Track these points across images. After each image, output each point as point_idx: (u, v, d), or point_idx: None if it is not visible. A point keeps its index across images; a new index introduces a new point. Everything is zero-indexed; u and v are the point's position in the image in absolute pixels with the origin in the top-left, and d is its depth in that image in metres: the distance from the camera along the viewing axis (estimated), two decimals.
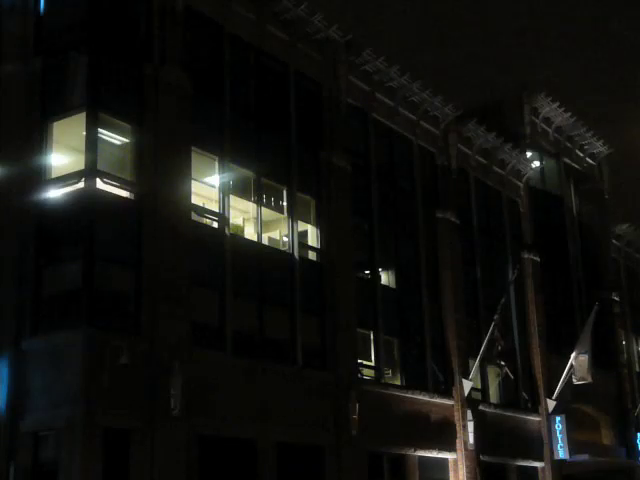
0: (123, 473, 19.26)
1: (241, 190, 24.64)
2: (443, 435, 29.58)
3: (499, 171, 36.30)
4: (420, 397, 28.93)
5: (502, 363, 32.92)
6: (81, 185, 20.34)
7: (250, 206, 25.01)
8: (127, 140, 21.72)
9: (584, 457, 35.16)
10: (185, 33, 22.90)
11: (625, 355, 43.34)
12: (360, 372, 26.91)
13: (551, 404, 35.18)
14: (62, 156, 21.53)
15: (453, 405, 30.37)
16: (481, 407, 31.50)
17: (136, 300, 20.54)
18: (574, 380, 34.62)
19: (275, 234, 26.15)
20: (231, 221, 23.82)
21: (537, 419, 35.00)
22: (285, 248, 25.65)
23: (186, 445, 20.49)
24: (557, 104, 39.33)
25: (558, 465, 34.92)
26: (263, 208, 25.00)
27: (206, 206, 23.68)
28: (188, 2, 23.04)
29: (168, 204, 21.34)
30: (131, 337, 19.94)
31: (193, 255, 21.82)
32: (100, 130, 20.77)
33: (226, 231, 23.39)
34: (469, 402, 30.78)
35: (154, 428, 19.80)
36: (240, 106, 24.79)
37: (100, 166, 20.41)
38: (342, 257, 26.76)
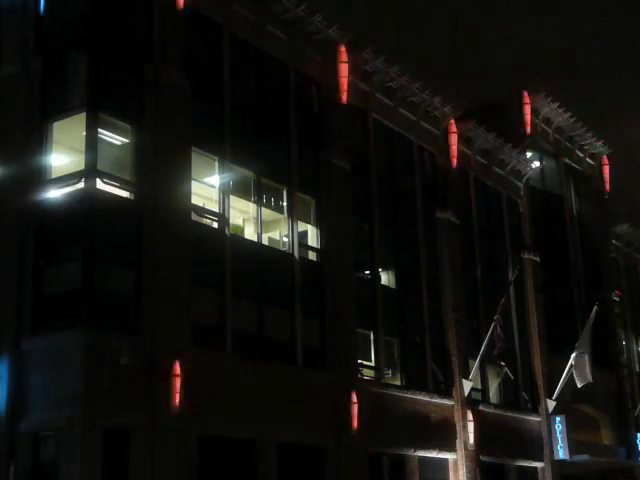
0: (123, 473, 19.26)
1: (241, 190, 24.64)
2: (443, 435, 29.58)
3: (499, 171, 36.30)
4: (420, 397, 28.93)
5: (502, 363, 32.94)
6: (81, 185, 20.34)
7: (250, 206, 25.01)
8: (127, 140, 21.72)
9: (584, 457, 35.14)
10: (185, 33, 22.90)
11: (625, 355, 43.34)
12: (360, 372, 26.90)
13: (551, 404, 35.18)
14: (62, 156, 21.53)
15: (453, 405, 30.37)
16: (481, 407, 31.50)
17: (136, 300, 20.53)
18: (577, 384, 34.59)
19: (275, 234, 26.15)
20: (231, 221, 23.82)
21: (537, 419, 35.00)
22: (285, 248, 25.65)
23: (186, 445, 20.49)
24: (557, 104, 39.34)
25: (558, 465, 34.92)
26: (263, 208, 25.00)
27: (206, 206, 23.68)
28: (188, 2, 23.03)
29: (168, 204, 21.34)
30: (131, 337, 19.94)
31: (193, 255, 21.82)
32: (100, 130, 20.77)
33: (226, 231, 23.39)
34: (469, 402, 30.79)
35: (154, 428, 19.80)
36: (240, 106, 24.79)
37: (100, 166, 20.40)
38: (342, 257, 26.76)
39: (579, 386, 34.73)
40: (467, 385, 30.87)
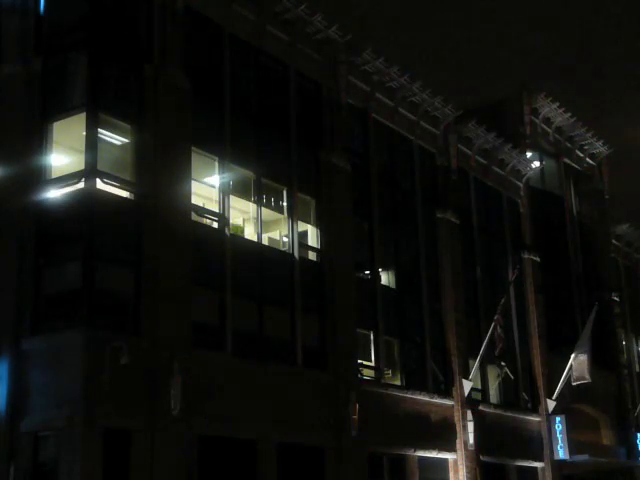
0: (123, 473, 19.26)
1: (241, 190, 24.64)
2: (443, 435, 29.58)
3: (499, 171, 36.31)
4: (420, 397, 28.93)
5: (502, 363, 32.95)
6: (81, 185, 20.33)
7: (250, 206, 25.01)
8: (127, 140, 21.72)
9: (584, 457, 35.16)
10: (185, 33, 22.90)
11: (625, 355, 43.34)
12: (360, 372, 26.90)
13: (551, 404, 35.19)
14: (62, 156, 21.53)
15: (453, 405, 30.37)
16: (481, 407, 31.51)
17: (136, 300, 20.53)
18: (572, 382, 34.73)
19: (275, 234, 26.15)
20: (231, 221, 23.82)
21: (537, 419, 35.00)
22: (285, 248, 25.65)
23: (186, 445, 20.49)
24: (557, 104, 39.35)
25: (558, 465, 34.92)
26: (263, 208, 25.00)
27: (206, 206, 23.67)
28: (188, 2, 23.04)
29: (168, 204, 21.34)
30: (131, 337, 19.93)
31: (193, 255, 21.82)
32: (100, 130, 20.76)
33: (226, 231, 23.39)
34: (469, 402, 30.79)
35: (154, 428, 19.80)
36: (240, 106, 24.79)
37: (100, 166, 20.40)
38: (342, 257, 26.75)
39: (574, 384, 34.82)
40: (467, 385, 30.87)
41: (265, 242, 25.28)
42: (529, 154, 37.60)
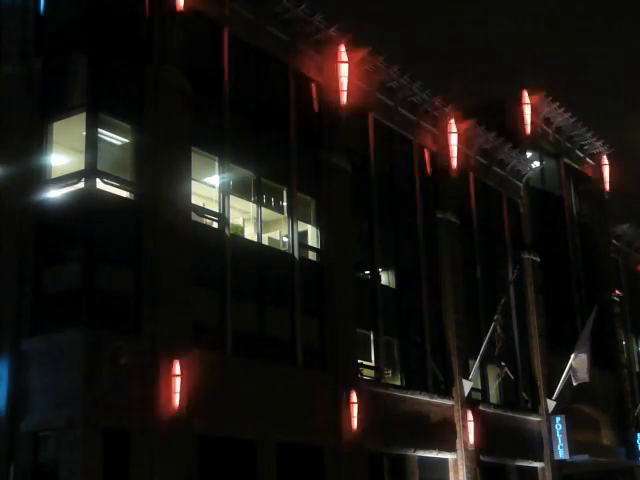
0: (123, 473, 19.26)
1: (241, 190, 24.65)
2: (443, 435, 29.58)
3: (499, 171, 36.30)
4: (420, 397, 28.93)
5: (502, 363, 32.94)
6: (81, 185, 20.34)
7: (250, 206, 25.02)
8: (127, 140, 21.73)
9: (584, 457, 35.14)
10: (185, 33, 22.90)
11: (625, 355, 43.35)
12: (360, 372, 26.91)
13: (551, 404, 35.18)
14: (62, 156, 21.53)
15: (453, 405, 30.37)
16: (481, 407, 31.50)
17: (136, 300, 20.54)
18: (573, 382, 34.74)
19: (275, 234, 26.15)
20: (231, 221, 23.83)
21: (537, 419, 35.00)
22: (285, 248, 25.65)
23: (186, 445, 20.49)
24: (557, 104, 39.34)
25: (558, 465, 34.92)
26: (263, 208, 25.01)
27: (206, 206, 23.68)
28: (188, 2, 23.03)
29: (168, 204, 21.34)
30: (131, 337, 19.94)
31: (193, 255, 21.83)
32: (100, 130, 20.78)
33: (226, 231, 23.40)
34: (469, 402, 30.79)
35: (154, 428, 19.80)
36: (240, 106, 24.80)
37: (100, 166, 20.41)
38: (342, 257, 26.76)
39: (574, 384, 34.82)
40: (467, 385, 30.87)
41: (265, 242, 25.29)
42: (529, 154, 37.58)
